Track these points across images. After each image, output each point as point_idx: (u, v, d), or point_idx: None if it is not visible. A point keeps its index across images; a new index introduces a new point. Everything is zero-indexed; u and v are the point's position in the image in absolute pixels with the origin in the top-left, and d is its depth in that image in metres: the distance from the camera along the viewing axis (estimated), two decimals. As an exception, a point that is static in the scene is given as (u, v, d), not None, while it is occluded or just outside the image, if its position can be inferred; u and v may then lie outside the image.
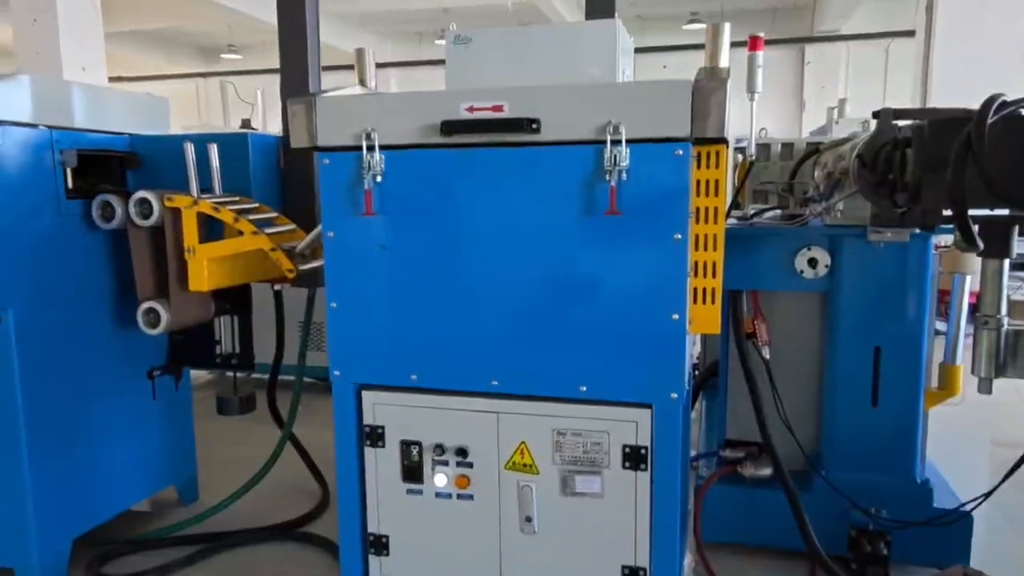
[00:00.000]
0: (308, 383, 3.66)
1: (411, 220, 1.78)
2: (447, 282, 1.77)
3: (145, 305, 2.32)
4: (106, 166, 2.47)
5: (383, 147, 1.76)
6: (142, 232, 2.31)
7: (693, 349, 2.28)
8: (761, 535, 2.52)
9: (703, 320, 1.73)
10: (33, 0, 7.85)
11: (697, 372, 3.12)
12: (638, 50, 2.30)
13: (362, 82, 2.14)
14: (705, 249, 1.71)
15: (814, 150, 2.76)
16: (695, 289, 1.71)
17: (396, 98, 1.79)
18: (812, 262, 2.36)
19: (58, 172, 2.28)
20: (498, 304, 1.75)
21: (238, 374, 2.71)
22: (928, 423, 2.46)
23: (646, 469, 1.72)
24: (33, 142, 2.20)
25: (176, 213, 2.25)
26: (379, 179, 1.76)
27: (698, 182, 1.67)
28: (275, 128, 10.89)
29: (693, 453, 2.70)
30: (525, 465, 1.79)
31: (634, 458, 1.72)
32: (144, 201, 2.26)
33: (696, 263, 1.70)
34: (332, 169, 1.81)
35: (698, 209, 1.69)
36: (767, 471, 2.46)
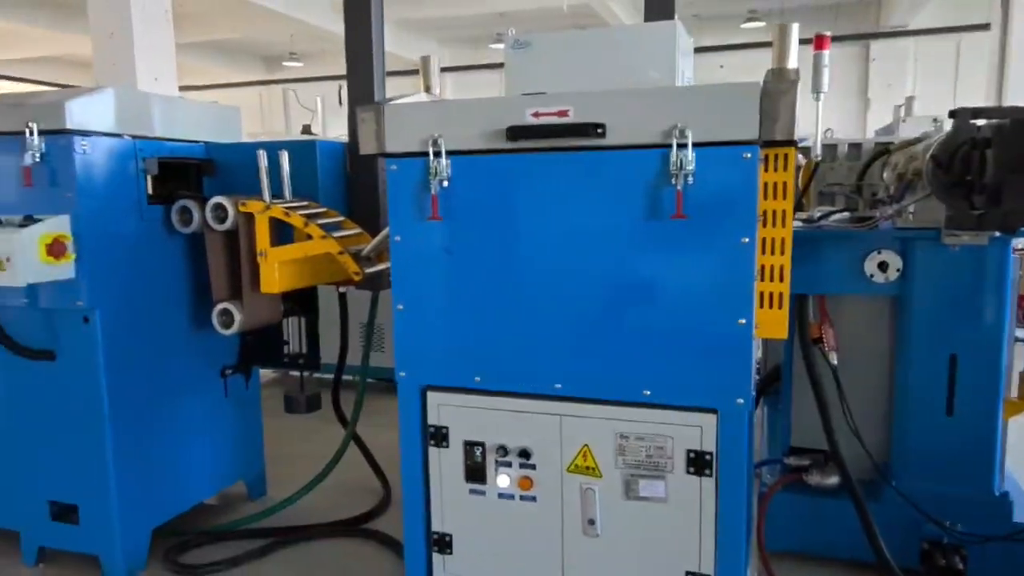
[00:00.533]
0: (370, 383, 3.74)
1: (476, 224, 1.81)
2: (511, 285, 1.80)
3: (220, 306, 2.41)
4: (183, 173, 2.58)
5: (449, 153, 1.79)
6: (217, 236, 2.41)
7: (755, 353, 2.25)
8: (827, 545, 2.46)
9: (769, 324, 1.71)
10: (110, 16, 8.24)
11: (759, 377, 3.06)
12: (695, 50, 2.28)
13: (427, 89, 2.18)
14: (772, 253, 1.69)
15: (883, 150, 2.69)
16: (761, 293, 1.69)
17: (462, 104, 1.83)
18: (883, 266, 2.29)
19: (140, 179, 2.40)
20: (561, 307, 1.76)
21: (305, 374, 2.80)
22: (1008, 434, 2.36)
23: (711, 475, 1.70)
24: (118, 151, 2.32)
25: (249, 218, 2.33)
26: (445, 184, 1.79)
27: (765, 185, 1.65)
28: (334, 133, 11.17)
29: (756, 460, 2.65)
30: (588, 468, 1.79)
31: (699, 463, 1.71)
32: (219, 206, 2.36)
33: (763, 267, 1.68)
34: (399, 175, 1.85)
35: (765, 212, 1.67)
36: (834, 480, 2.40)
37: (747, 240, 1.60)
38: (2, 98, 2.33)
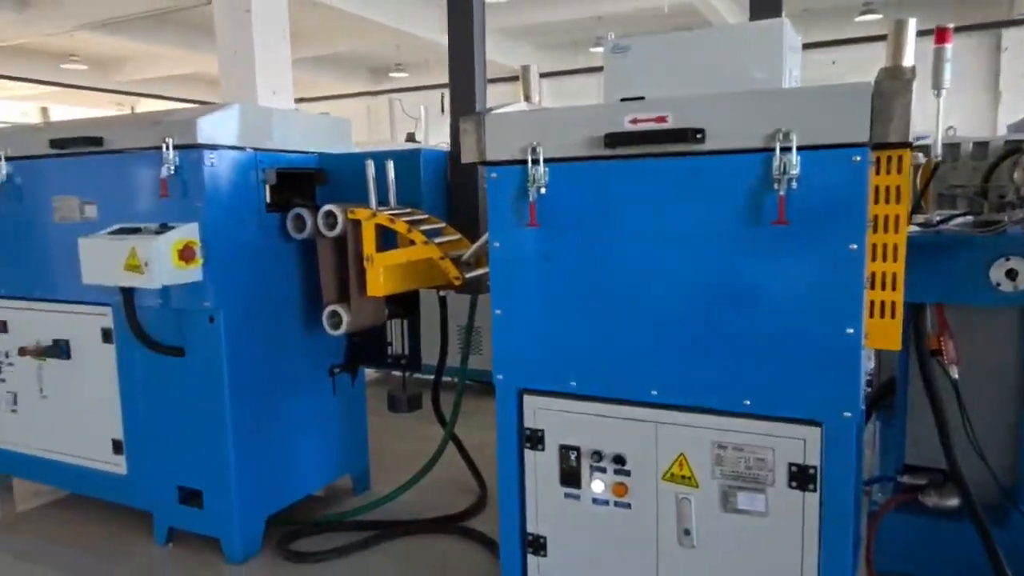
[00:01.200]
0: (468, 384, 3.83)
1: (573, 230, 1.83)
2: (607, 291, 1.80)
3: (329, 308, 2.55)
4: (298, 182, 2.74)
5: (547, 160, 1.82)
6: (328, 242, 2.55)
7: (867, 365, 2.14)
8: (943, 569, 2.30)
9: (881, 335, 1.63)
10: (235, 35, 8.83)
11: (870, 389, 2.91)
12: (805, 46, 2.20)
13: (527, 97, 2.23)
14: (884, 259, 1.61)
15: (1014, 149, 2.49)
16: (872, 302, 1.62)
17: (560, 112, 1.85)
18: (1011, 274, 2.13)
19: (260, 189, 2.57)
20: (659, 314, 1.75)
21: (407, 374, 2.90)
22: None
23: (815, 490, 1.64)
24: (241, 163, 2.50)
25: (357, 224, 2.46)
26: (543, 191, 1.83)
27: (876, 188, 1.58)
28: (435, 140, 11.45)
29: (866, 476, 2.52)
30: (684, 477, 1.77)
31: (801, 478, 1.65)
32: (330, 214, 2.49)
33: (873, 274, 1.61)
34: (499, 182, 1.90)
35: (876, 217, 1.60)
36: (953, 501, 2.24)
37: (855, 247, 1.54)
38: (143, 117, 2.57)
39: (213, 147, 2.40)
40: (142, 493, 2.71)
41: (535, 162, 1.81)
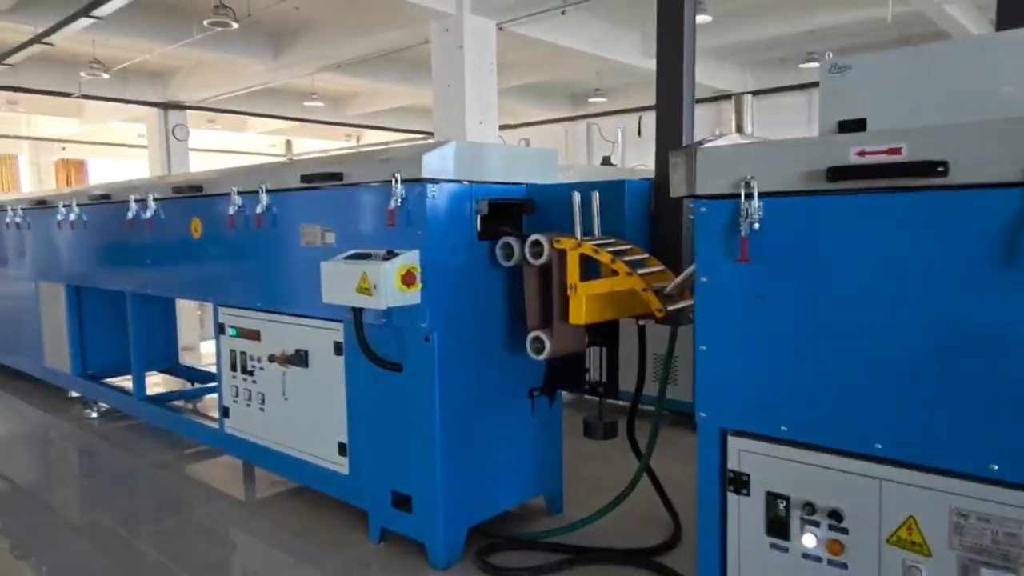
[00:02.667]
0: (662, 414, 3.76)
1: (789, 268, 1.75)
2: (826, 333, 1.69)
3: (533, 334, 2.65)
4: (506, 211, 2.88)
5: (762, 194, 1.76)
6: (534, 270, 2.66)
7: None
8: None
9: None
10: (448, 69, 9.55)
11: None
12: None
13: (739, 129, 2.17)
14: None
15: None
16: None
17: (776, 145, 1.79)
18: None
19: (473, 218, 2.75)
20: (886, 360, 1.61)
21: (604, 401, 2.92)
22: None
23: (1083, 577, 1.41)
24: (458, 194, 2.69)
25: (562, 254, 2.53)
26: (756, 226, 1.76)
27: None
28: (631, 163, 11.46)
29: None
30: (913, 543, 1.61)
31: (1065, 561, 1.43)
32: (536, 243, 2.60)
33: None
34: (709, 216, 1.87)
35: None
36: None
37: None
38: (374, 154, 2.86)
39: (434, 181, 2.61)
40: (360, 493, 2.98)
41: (748, 196, 1.76)
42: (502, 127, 16.14)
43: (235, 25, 9.31)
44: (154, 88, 14.89)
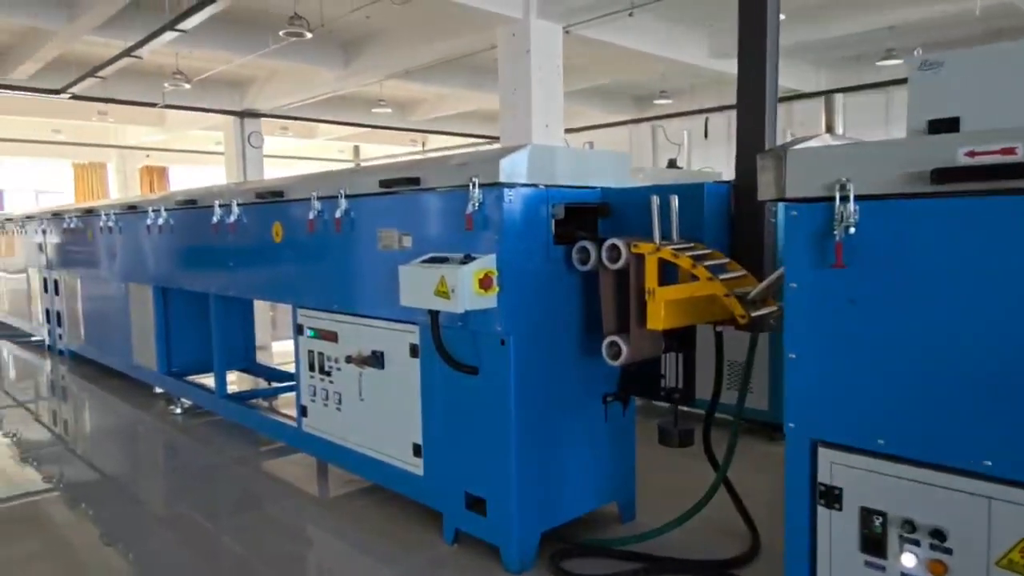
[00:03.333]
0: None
1: (887, 273, 1.67)
2: (929, 343, 1.62)
3: (609, 339, 2.62)
4: (581, 215, 2.87)
5: (857, 197, 1.69)
6: (610, 274, 2.63)
7: None
8: None
9: None
10: (516, 73, 9.60)
11: None
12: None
13: (830, 129, 2.10)
14: None
15: None
16: None
17: (875, 146, 1.72)
18: None
19: (548, 222, 2.74)
20: (997, 373, 1.52)
21: (679, 408, 2.86)
22: None
23: None
24: (534, 199, 2.69)
25: (640, 258, 2.50)
26: (852, 230, 1.70)
27: None
28: (697, 165, 11.21)
29: None
30: (1027, 567, 1.51)
31: None
32: (613, 247, 2.57)
33: None
34: (799, 220, 1.81)
35: None
36: None
37: None
38: (450, 159, 2.89)
39: (511, 185, 2.62)
40: (434, 494, 3.01)
41: (844, 199, 1.70)
42: (566, 130, 16.12)
43: (309, 35, 9.60)
44: (231, 97, 15.50)
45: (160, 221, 4.92)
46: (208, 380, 5.07)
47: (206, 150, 21.17)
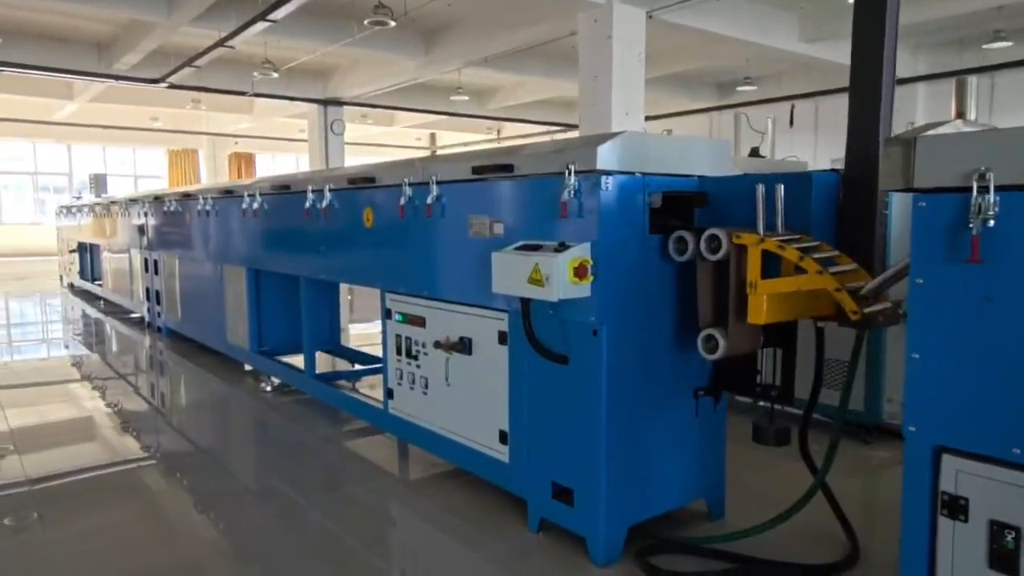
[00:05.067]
0: (826, 422, 3.51)
1: (1031, 271, 1.55)
2: (1078, 347, 1.49)
3: (706, 332, 2.55)
4: (676, 204, 2.79)
5: (998, 188, 1.57)
6: (708, 265, 2.55)
7: None
8: None
9: None
10: (596, 61, 9.48)
11: None
12: None
13: (961, 115, 1.96)
14: None
15: None
16: None
17: (1020, 133, 1.59)
18: None
19: (644, 211, 2.68)
20: None
21: (775, 406, 2.76)
22: None
23: None
24: (630, 187, 2.63)
25: (741, 249, 2.41)
26: (990, 223, 1.58)
27: None
28: (781, 154, 10.80)
29: None
30: None
31: None
32: (714, 237, 2.49)
33: None
34: (928, 212, 1.70)
35: None
36: None
37: None
38: (545, 146, 2.87)
39: (608, 172, 2.57)
40: (520, 482, 3.02)
41: (983, 190, 1.58)
42: (646, 118, 15.86)
43: (392, 24, 9.74)
44: (315, 85, 15.94)
45: (255, 205, 5.09)
46: (295, 360, 5.25)
47: (290, 137, 21.89)
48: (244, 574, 2.80)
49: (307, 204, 4.35)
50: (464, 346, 3.25)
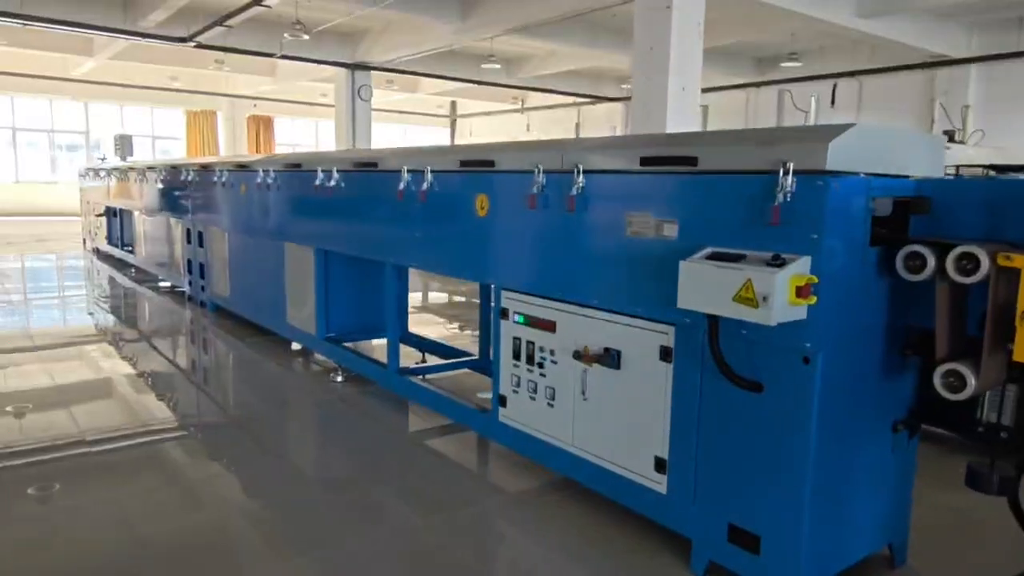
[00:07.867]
0: None
1: None
2: None
3: (947, 366, 2.16)
4: (893, 212, 2.39)
5: None
6: (951, 287, 2.16)
7: None
8: None
9: None
10: (653, 31, 8.96)
11: None
12: None
13: None
14: None
15: None
16: None
17: None
18: None
19: (866, 219, 2.28)
20: None
21: (998, 449, 2.39)
22: None
23: None
24: (855, 191, 2.23)
25: (1011, 274, 2.02)
26: None
27: None
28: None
29: None
30: None
31: None
32: (970, 256, 2.09)
33: None
34: None
35: None
36: None
37: None
38: (745, 135, 2.45)
39: (835, 173, 2.16)
40: (681, 518, 2.66)
41: None
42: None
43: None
44: (343, 50, 15.35)
45: (330, 183, 4.66)
46: (363, 346, 4.89)
47: (311, 101, 21.27)
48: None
49: (400, 185, 3.94)
50: (611, 359, 2.87)
